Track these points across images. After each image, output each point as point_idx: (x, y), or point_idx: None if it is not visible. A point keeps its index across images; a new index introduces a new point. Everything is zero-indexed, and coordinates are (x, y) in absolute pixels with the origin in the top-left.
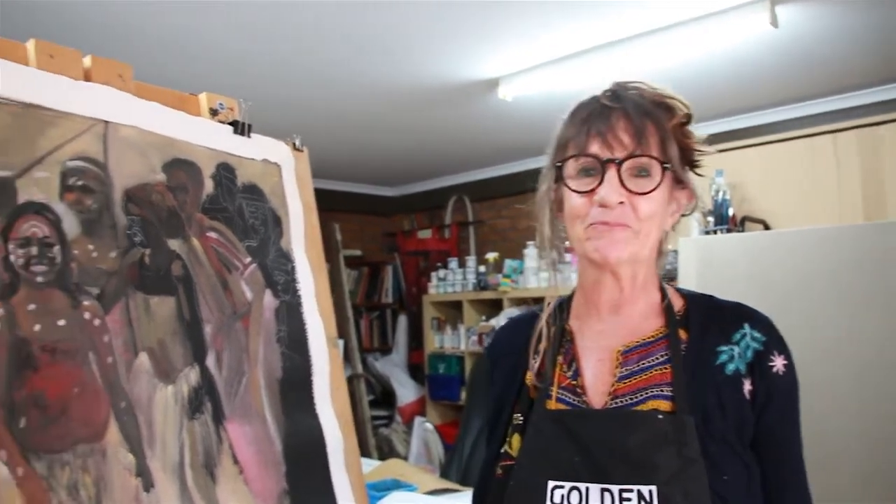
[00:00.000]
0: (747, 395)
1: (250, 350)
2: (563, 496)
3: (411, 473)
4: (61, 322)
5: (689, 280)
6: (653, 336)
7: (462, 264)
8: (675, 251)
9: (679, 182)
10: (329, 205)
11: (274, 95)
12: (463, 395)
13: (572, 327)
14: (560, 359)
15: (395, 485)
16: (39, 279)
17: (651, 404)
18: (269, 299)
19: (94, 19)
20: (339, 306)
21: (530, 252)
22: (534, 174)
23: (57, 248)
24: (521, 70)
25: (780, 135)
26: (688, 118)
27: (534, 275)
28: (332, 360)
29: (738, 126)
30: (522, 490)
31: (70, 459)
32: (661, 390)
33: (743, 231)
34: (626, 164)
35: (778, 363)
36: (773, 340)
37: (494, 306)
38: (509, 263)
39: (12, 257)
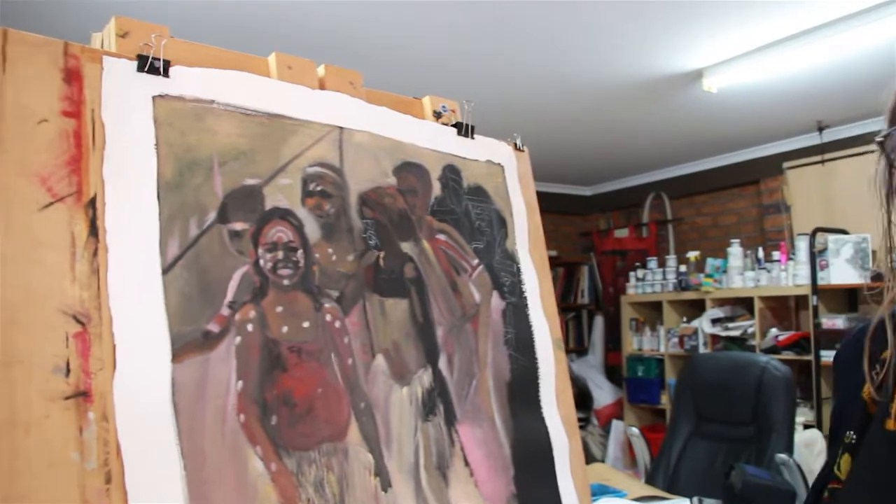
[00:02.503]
0: None
1: (479, 352)
2: None
3: (618, 478)
4: (306, 324)
5: None
6: None
7: (661, 264)
8: None
9: None
10: None
11: (479, 96)
12: (663, 398)
13: None
14: None
15: (602, 490)
16: (286, 282)
17: None
18: (496, 301)
19: (323, 30)
20: None
21: (734, 250)
22: (737, 168)
23: (300, 252)
24: (726, 60)
25: None
26: None
27: (738, 274)
28: (558, 362)
29: None
30: None
31: (316, 457)
32: None
33: None
34: None
35: None
36: None
37: (696, 307)
38: (711, 262)
39: (262, 261)
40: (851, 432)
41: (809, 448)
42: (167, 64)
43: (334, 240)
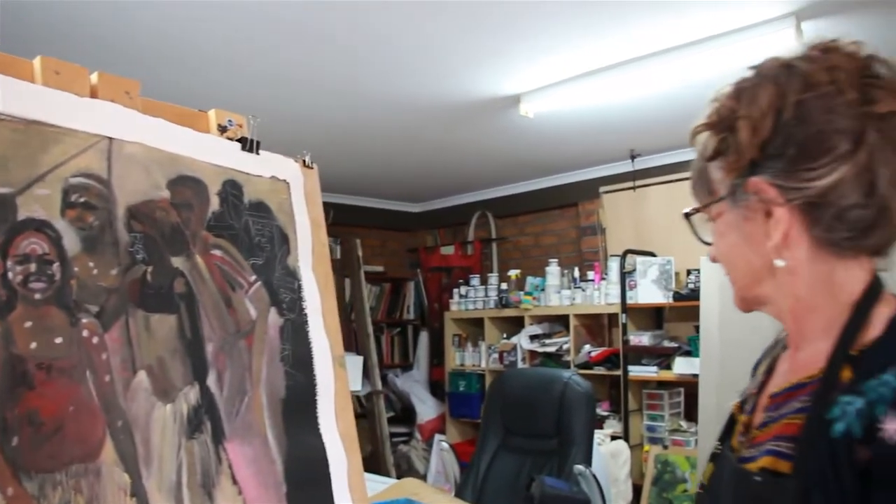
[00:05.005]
0: (858, 468)
1: (253, 369)
2: None
3: (426, 493)
4: (58, 339)
5: (712, 300)
6: (808, 377)
7: (484, 281)
8: (698, 270)
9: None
10: (351, 220)
11: (296, 112)
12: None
13: (780, 360)
14: (755, 391)
15: None
16: (37, 296)
17: (763, 462)
18: (273, 318)
19: (103, 36)
20: (360, 322)
21: (552, 269)
22: (557, 191)
23: (56, 265)
24: (542, 87)
25: None
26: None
27: (555, 292)
28: (338, 379)
29: None
30: None
31: (63, 479)
32: (778, 445)
33: None
34: None
35: (891, 428)
36: None
37: (516, 324)
38: (531, 281)
39: (10, 274)
40: (718, 443)
41: (615, 458)
42: None
43: (97, 253)
